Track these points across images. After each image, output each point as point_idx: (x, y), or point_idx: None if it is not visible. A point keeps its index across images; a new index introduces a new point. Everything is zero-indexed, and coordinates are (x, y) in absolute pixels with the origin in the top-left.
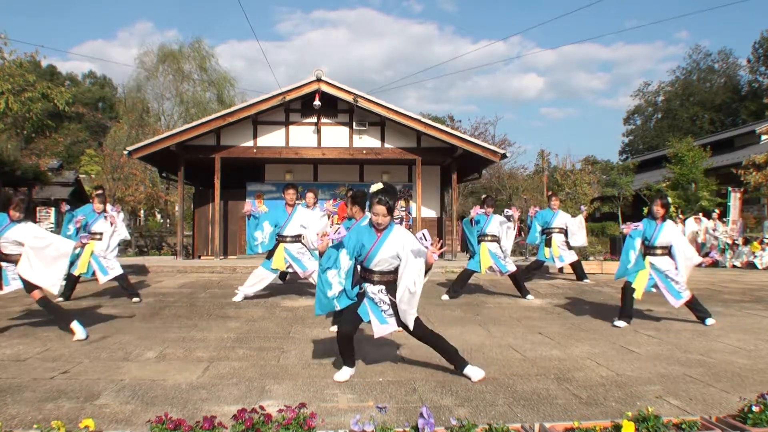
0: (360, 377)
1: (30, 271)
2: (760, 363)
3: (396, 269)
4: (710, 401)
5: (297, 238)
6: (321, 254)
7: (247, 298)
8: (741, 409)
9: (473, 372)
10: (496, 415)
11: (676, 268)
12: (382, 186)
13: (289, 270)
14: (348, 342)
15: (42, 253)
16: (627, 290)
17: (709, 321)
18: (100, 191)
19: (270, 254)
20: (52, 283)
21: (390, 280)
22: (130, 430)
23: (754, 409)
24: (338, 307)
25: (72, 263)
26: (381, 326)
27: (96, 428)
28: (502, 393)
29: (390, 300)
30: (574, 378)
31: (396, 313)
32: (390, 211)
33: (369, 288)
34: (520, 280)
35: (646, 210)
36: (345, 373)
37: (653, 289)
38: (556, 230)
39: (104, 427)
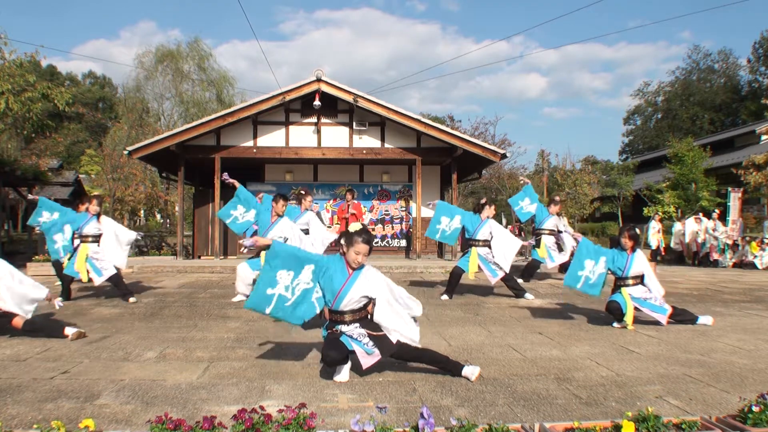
0: (360, 377)
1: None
2: (760, 363)
3: (365, 305)
4: (710, 401)
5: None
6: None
7: (246, 296)
8: (741, 409)
9: (470, 371)
10: (496, 415)
11: (650, 291)
12: (362, 227)
13: None
14: (337, 364)
15: (13, 290)
16: (614, 311)
17: (701, 319)
18: (98, 195)
19: (256, 255)
20: (28, 310)
21: (362, 316)
22: (130, 430)
23: (754, 409)
24: (267, 311)
25: (60, 265)
26: (368, 356)
27: (96, 428)
28: (502, 393)
29: (367, 333)
30: (574, 378)
31: (377, 346)
32: (369, 252)
33: (343, 328)
34: (512, 281)
35: (645, 210)
36: (345, 372)
37: (635, 311)
38: (546, 232)
39: (104, 427)
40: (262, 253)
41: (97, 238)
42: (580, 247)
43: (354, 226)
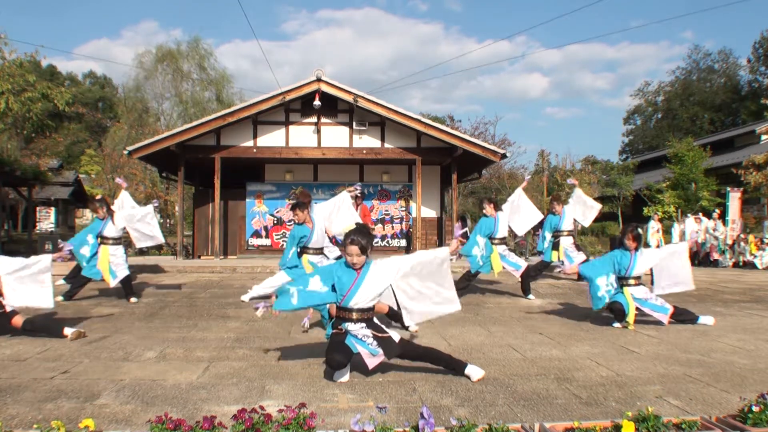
0: (360, 377)
1: (18, 297)
2: (760, 363)
3: (373, 307)
4: (710, 401)
5: (319, 251)
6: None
7: (254, 299)
8: (741, 409)
9: (473, 371)
10: (496, 415)
11: (651, 290)
12: (355, 227)
13: None
14: (341, 367)
15: (20, 276)
16: (616, 312)
17: (702, 319)
18: (98, 197)
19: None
20: (46, 301)
21: (369, 317)
22: (130, 430)
23: (754, 409)
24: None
25: (80, 267)
26: (373, 357)
27: (96, 428)
28: (502, 393)
29: (372, 334)
30: (574, 378)
31: (381, 347)
32: (363, 250)
33: (349, 326)
34: (527, 281)
35: (645, 210)
36: (345, 373)
37: (636, 311)
38: (565, 233)
39: (104, 427)
40: (305, 262)
41: (117, 240)
42: (604, 262)
43: (347, 227)
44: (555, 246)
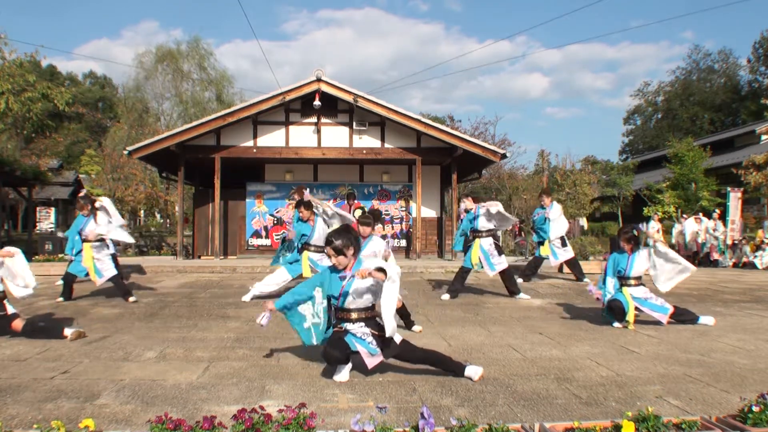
0: (360, 377)
1: (19, 288)
2: (760, 363)
3: (373, 305)
4: (710, 401)
5: (321, 249)
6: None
7: (256, 298)
8: (741, 409)
9: (473, 371)
10: (496, 415)
11: (651, 291)
12: (335, 229)
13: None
14: (338, 363)
15: (14, 266)
16: (616, 311)
17: (702, 319)
18: (84, 195)
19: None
20: (30, 278)
21: (368, 317)
22: (130, 430)
23: (754, 409)
24: (314, 341)
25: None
26: (372, 356)
27: (96, 428)
28: (502, 393)
29: (372, 333)
30: (574, 378)
31: (381, 346)
32: (337, 250)
33: (348, 326)
34: (511, 279)
35: (645, 210)
36: (345, 372)
37: (636, 311)
38: None
39: (104, 427)
40: (305, 258)
41: (97, 239)
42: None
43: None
44: (542, 241)
